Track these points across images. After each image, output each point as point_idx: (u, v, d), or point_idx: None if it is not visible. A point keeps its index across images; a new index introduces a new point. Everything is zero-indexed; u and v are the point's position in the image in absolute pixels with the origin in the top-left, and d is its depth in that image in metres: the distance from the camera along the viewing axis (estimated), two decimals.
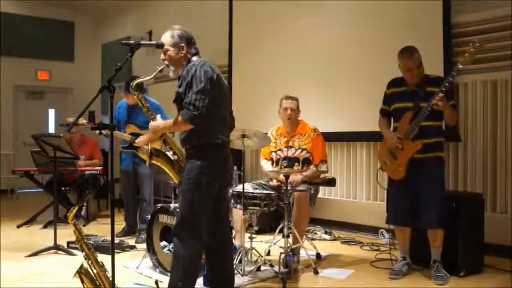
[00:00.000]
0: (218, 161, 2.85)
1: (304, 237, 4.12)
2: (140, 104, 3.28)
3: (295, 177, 3.96)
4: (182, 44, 2.88)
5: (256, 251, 3.82)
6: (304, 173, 4.05)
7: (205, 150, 2.79)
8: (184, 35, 2.91)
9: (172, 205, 3.63)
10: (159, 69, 2.98)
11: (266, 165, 4.29)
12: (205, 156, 2.78)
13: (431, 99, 3.39)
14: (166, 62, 2.92)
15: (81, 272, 2.68)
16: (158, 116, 3.00)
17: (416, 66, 3.56)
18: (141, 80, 3.22)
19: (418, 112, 3.50)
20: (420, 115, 3.47)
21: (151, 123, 2.92)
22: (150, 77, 3.05)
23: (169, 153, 3.18)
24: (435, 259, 3.59)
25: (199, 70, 2.74)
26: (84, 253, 2.73)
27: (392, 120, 3.82)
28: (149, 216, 3.85)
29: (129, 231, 5.15)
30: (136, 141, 3.77)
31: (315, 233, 5.21)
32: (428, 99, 3.44)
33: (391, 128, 3.79)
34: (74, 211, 2.82)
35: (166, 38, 2.89)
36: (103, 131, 3.74)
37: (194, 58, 2.90)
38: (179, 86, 2.79)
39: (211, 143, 2.80)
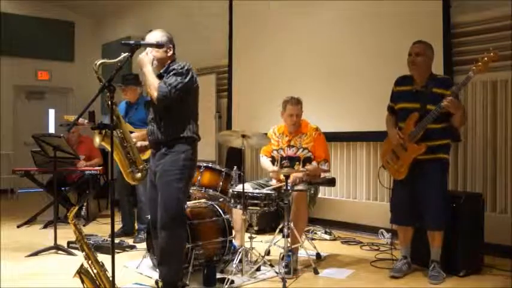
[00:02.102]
0: (195, 155, 3.09)
1: (304, 237, 4.12)
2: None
3: (297, 175, 3.96)
4: (170, 46, 3.09)
5: (256, 251, 3.82)
6: (306, 167, 4.04)
7: (188, 144, 3.01)
8: (171, 39, 3.13)
9: None
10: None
11: (266, 163, 4.29)
12: (188, 150, 3.00)
13: (441, 102, 3.36)
14: (151, 56, 3.04)
15: (81, 272, 2.68)
16: (151, 55, 3.00)
17: (417, 52, 3.55)
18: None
19: (424, 114, 3.48)
20: (427, 118, 3.45)
21: (143, 55, 2.99)
22: (114, 60, 2.93)
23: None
24: (433, 259, 3.59)
25: (189, 70, 3.01)
26: (84, 253, 2.73)
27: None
28: (149, 217, 3.84)
29: (125, 232, 5.13)
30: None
31: (315, 233, 5.20)
32: (434, 100, 3.42)
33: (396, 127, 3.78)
34: (74, 211, 2.81)
35: (157, 38, 3.07)
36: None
37: (175, 62, 3.09)
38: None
39: (194, 138, 3.05)
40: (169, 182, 2.94)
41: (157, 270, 3.65)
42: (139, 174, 2.99)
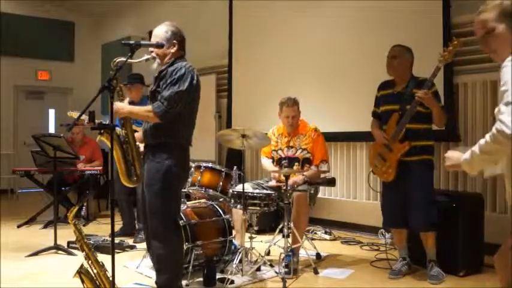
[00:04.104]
0: (183, 161, 2.95)
1: (304, 237, 4.12)
2: (116, 86, 2.88)
3: (297, 179, 3.96)
4: (174, 41, 2.94)
5: (256, 251, 3.82)
6: (305, 173, 4.05)
7: (172, 150, 2.87)
8: (178, 33, 2.98)
9: None
10: (146, 57, 2.96)
11: (268, 164, 4.29)
12: (173, 156, 2.86)
13: (415, 98, 3.41)
14: (153, 54, 2.95)
15: (81, 272, 2.68)
16: (126, 100, 2.96)
17: (394, 55, 3.62)
18: (123, 59, 2.82)
19: (404, 114, 3.52)
20: (405, 116, 3.49)
21: (117, 103, 2.84)
22: (135, 61, 2.94)
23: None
24: (430, 259, 3.60)
25: (187, 73, 2.84)
26: (84, 253, 2.73)
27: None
28: None
29: (125, 232, 5.13)
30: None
31: (315, 233, 5.21)
32: (413, 101, 3.45)
33: None
34: (74, 211, 2.81)
35: (160, 33, 2.95)
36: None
37: (181, 59, 2.96)
38: (161, 79, 2.88)
39: (179, 143, 2.90)
40: (157, 193, 2.84)
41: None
42: (134, 178, 2.93)
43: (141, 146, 3.13)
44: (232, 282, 3.39)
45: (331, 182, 4.55)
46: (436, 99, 3.47)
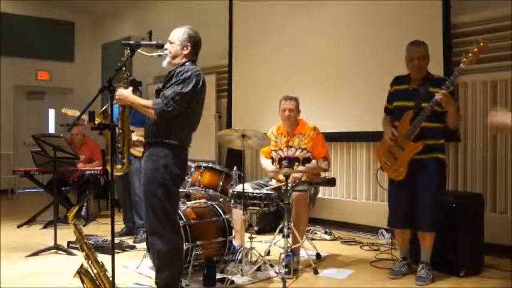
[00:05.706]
0: (181, 160, 2.97)
1: (304, 237, 4.12)
2: (124, 73, 2.99)
3: (296, 175, 3.96)
4: (188, 44, 3.03)
5: (256, 251, 3.82)
6: (306, 165, 4.04)
7: (170, 149, 2.90)
8: (194, 38, 3.08)
9: None
10: (159, 53, 3.06)
11: (267, 164, 4.29)
12: (170, 155, 2.89)
13: (433, 98, 3.35)
14: (166, 52, 3.04)
15: (81, 272, 2.68)
16: (130, 88, 2.97)
17: (422, 56, 3.53)
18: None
19: (419, 111, 3.46)
20: (421, 115, 3.43)
21: (121, 90, 2.88)
22: (148, 54, 3.06)
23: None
24: (423, 260, 3.58)
25: (193, 76, 2.94)
26: (84, 253, 2.73)
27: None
28: None
29: (127, 232, 5.14)
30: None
31: (315, 233, 5.21)
32: (429, 99, 3.40)
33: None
34: (74, 211, 2.81)
35: (177, 33, 3.06)
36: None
37: (192, 63, 3.05)
38: (168, 80, 2.94)
39: (177, 144, 2.93)
40: (154, 191, 2.87)
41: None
42: (118, 166, 2.94)
43: (134, 137, 3.13)
44: (232, 282, 3.39)
45: (331, 182, 4.55)
46: (453, 100, 3.42)
